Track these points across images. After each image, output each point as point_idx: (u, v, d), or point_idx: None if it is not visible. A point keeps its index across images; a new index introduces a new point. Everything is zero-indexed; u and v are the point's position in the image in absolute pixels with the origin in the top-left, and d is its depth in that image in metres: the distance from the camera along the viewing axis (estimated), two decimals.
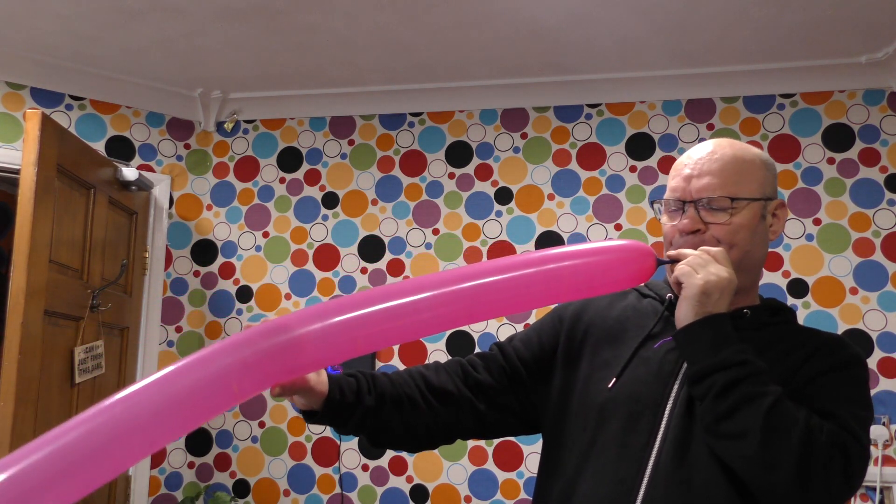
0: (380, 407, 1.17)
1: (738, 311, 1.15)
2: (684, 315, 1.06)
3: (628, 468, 1.07)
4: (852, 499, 2.66)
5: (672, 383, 1.11)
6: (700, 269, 1.05)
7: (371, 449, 3.05)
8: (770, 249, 2.91)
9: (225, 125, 3.36)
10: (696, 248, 1.12)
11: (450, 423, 1.26)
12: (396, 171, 3.24)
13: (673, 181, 1.19)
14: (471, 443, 2.98)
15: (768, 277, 2.90)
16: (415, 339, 0.97)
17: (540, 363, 1.26)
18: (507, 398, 1.25)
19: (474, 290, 1.02)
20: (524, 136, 3.18)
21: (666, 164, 3.06)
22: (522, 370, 1.25)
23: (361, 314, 0.97)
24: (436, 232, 3.16)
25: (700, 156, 1.16)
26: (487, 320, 3.03)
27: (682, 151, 3.05)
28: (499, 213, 3.13)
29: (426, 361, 3.05)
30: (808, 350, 1.10)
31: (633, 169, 3.08)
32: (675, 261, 1.15)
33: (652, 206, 1.23)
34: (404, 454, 3.02)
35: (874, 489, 2.65)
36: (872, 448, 2.69)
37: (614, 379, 1.14)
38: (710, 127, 3.06)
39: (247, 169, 3.33)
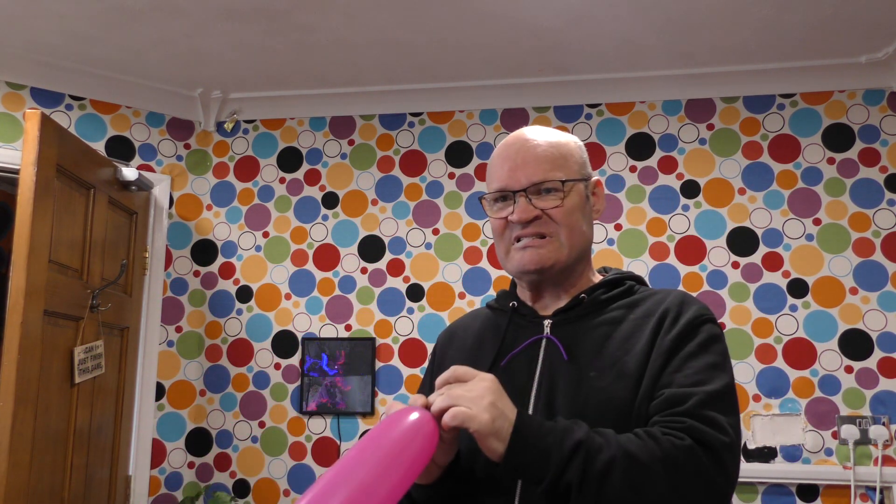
0: None
1: (575, 299, 1.16)
2: (495, 450, 0.94)
3: (502, 501, 1.04)
4: (852, 498, 2.66)
5: (526, 398, 1.10)
6: (469, 404, 0.94)
7: None
8: (770, 249, 2.92)
9: (225, 125, 3.36)
10: (537, 237, 1.13)
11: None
12: (396, 171, 3.24)
13: (496, 175, 1.17)
14: None
15: (768, 277, 2.90)
16: None
17: None
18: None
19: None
20: None
21: (666, 165, 3.06)
22: None
23: None
24: (436, 232, 3.16)
25: (517, 147, 1.17)
26: None
27: (682, 151, 3.05)
28: None
29: (426, 361, 3.05)
30: (654, 323, 1.09)
31: (633, 169, 3.08)
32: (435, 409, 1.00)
33: (482, 202, 1.21)
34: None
35: (874, 489, 2.65)
36: (872, 448, 2.69)
37: None
38: (710, 127, 3.05)
39: (247, 169, 3.33)
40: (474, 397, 0.95)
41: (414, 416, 0.96)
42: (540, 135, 1.18)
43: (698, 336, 1.07)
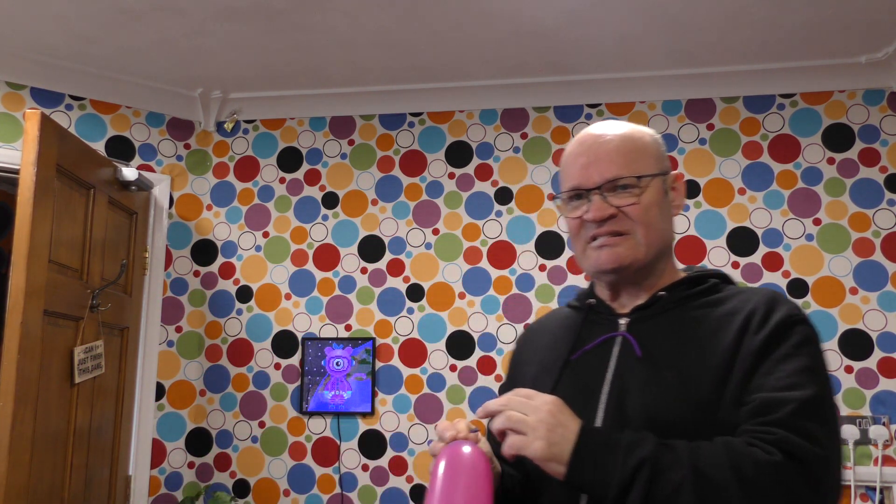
0: None
1: (654, 297, 1.11)
2: (556, 472, 0.94)
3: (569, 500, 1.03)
4: (852, 498, 2.66)
5: (597, 397, 1.06)
6: (526, 428, 0.94)
7: (371, 449, 3.05)
8: (770, 249, 2.92)
9: (225, 125, 3.36)
10: (613, 236, 1.09)
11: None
12: (396, 171, 3.24)
13: (570, 173, 1.14)
14: None
15: (768, 277, 2.90)
16: None
17: None
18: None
19: None
20: (524, 136, 3.18)
21: None
22: None
23: None
24: (436, 232, 3.16)
25: (590, 143, 1.13)
26: (486, 320, 3.02)
27: (682, 151, 3.05)
28: (499, 213, 3.13)
29: (426, 361, 3.06)
30: (740, 322, 1.02)
31: None
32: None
33: (552, 201, 1.20)
34: (404, 453, 3.02)
35: (874, 489, 2.65)
36: (872, 448, 2.69)
37: None
38: (711, 127, 3.05)
39: (247, 169, 3.33)
40: (532, 423, 0.95)
41: (467, 452, 1.00)
42: (614, 129, 1.14)
43: (791, 338, 0.99)
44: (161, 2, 2.52)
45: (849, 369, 2.78)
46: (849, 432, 2.69)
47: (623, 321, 1.12)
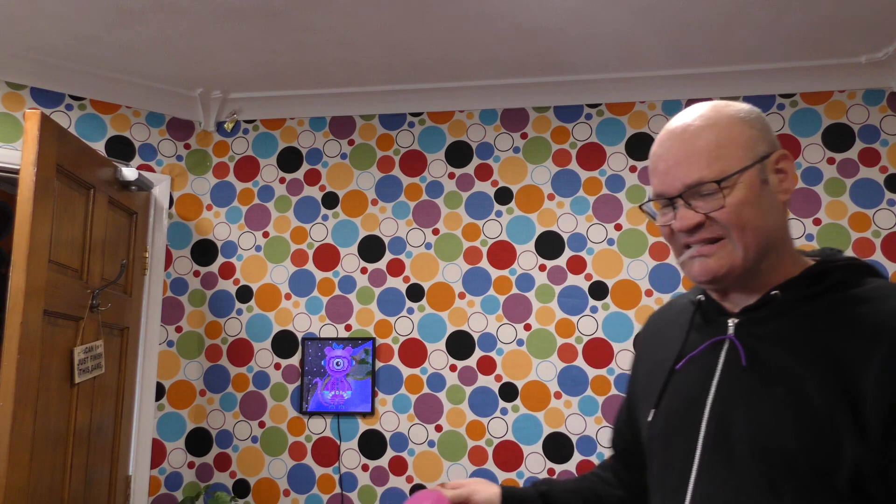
0: None
1: (766, 296, 0.97)
2: None
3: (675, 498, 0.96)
4: None
5: (700, 411, 0.97)
6: None
7: (371, 449, 3.05)
8: None
9: (225, 125, 3.36)
10: (705, 244, 0.98)
11: None
12: (396, 171, 3.24)
13: (653, 177, 1.04)
14: (471, 442, 2.98)
15: None
16: None
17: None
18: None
19: None
20: (524, 136, 3.18)
21: None
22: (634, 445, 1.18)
23: None
24: (436, 232, 3.16)
25: (670, 143, 1.01)
26: (486, 320, 3.02)
27: None
28: (499, 213, 3.13)
29: (426, 361, 3.06)
30: (888, 347, 0.83)
31: (633, 169, 3.08)
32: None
33: (642, 210, 1.08)
34: (404, 454, 3.02)
35: None
36: None
37: (652, 411, 1.03)
38: None
39: (247, 169, 3.33)
40: None
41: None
42: (694, 121, 0.99)
43: None
44: (161, 2, 2.52)
45: None
46: None
47: (731, 323, 1.00)
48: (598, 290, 3.01)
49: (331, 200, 3.26)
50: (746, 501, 0.89)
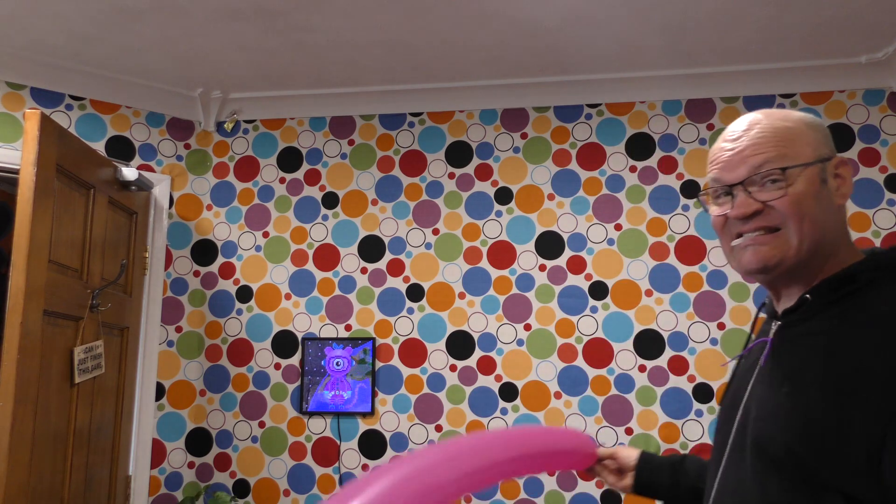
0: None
1: (800, 299, 0.99)
2: None
3: (710, 484, 1.08)
4: None
5: (738, 407, 1.03)
6: None
7: (371, 449, 3.05)
8: None
9: (225, 125, 3.36)
10: (761, 233, 1.00)
11: None
12: (396, 171, 3.24)
13: (713, 168, 1.06)
14: None
15: None
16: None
17: None
18: None
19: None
20: (524, 136, 3.18)
21: (666, 164, 3.06)
22: None
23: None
24: (436, 232, 3.16)
25: (736, 135, 1.04)
26: (486, 320, 3.02)
27: (682, 152, 3.05)
28: (499, 213, 3.13)
29: (426, 361, 3.06)
30: (888, 350, 0.85)
31: (633, 169, 3.08)
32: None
33: (699, 199, 1.14)
34: (404, 454, 3.02)
35: None
36: None
37: (718, 407, 1.14)
38: (711, 127, 3.05)
39: (247, 169, 3.33)
40: None
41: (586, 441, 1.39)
42: (762, 118, 1.04)
43: None
44: (161, 2, 2.52)
45: None
46: None
47: (775, 325, 1.04)
48: (598, 290, 3.01)
49: (331, 200, 3.26)
50: (744, 493, 0.96)
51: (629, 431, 2.90)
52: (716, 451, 1.07)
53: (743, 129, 1.04)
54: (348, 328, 3.14)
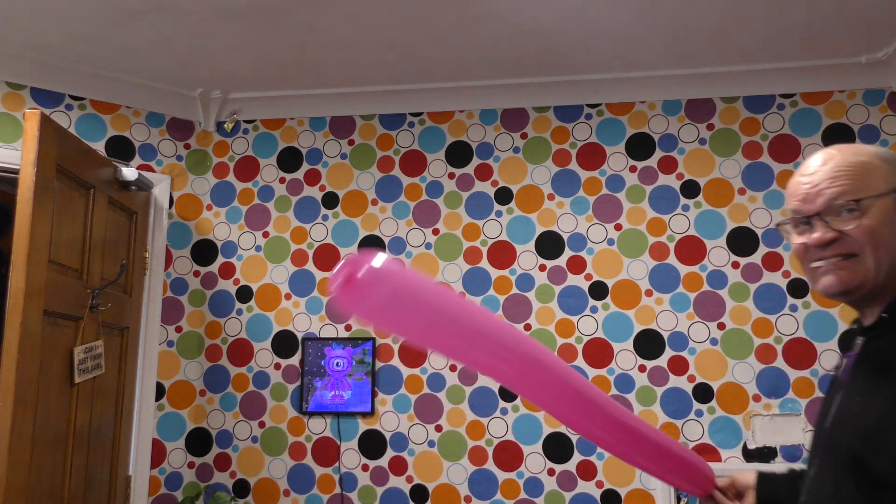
0: None
1: (879, 317, 1.11)
2: None
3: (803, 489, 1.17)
4: None
5: (826, 415, 1.14)
6: None
7: (371, 449, 3.05)
8: (770, 249, 2.91)
9: (225, 125, 3.36)
10: (839, 259, 1.10)
11: None
12: (396, 171, 3.24)
13: (793, 201, 1.16)
14: (471, 443, 2.98)
15: (768, 278, 2.90)
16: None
17: None
18: None
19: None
20: (524, 136, 3.18)
21: (666, 164, 3.06)
22: None
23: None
24: (436, 232, 3.16)
25: (813, 170, 1.14)
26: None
27: (682, 152, 3.05)
28: (499, 213, 3.13)
29: (426, 361, 3.06)
30: None
31: (633, 169, 3.08)
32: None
33: (778, 230, 1.25)
34: (404, 454, 3.02)
35: None
36: None
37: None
38: (711, 127, 3.05)
39: (247, 169, 3.33)
40: None
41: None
42: (837, 154, 1.14)
43: None
44: (161, 2, 2.52)
45: None
46: None
47: (860, 340, 1.15)
48: (598, 290, 3.01)
49: (331, 200, 3.26)
50: (819, 488, 1.10)
51: None
52: (808, 461, 1.19)
53: (819, 164, 1.14)
54: (348, 328, 3.14)
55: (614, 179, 3.08)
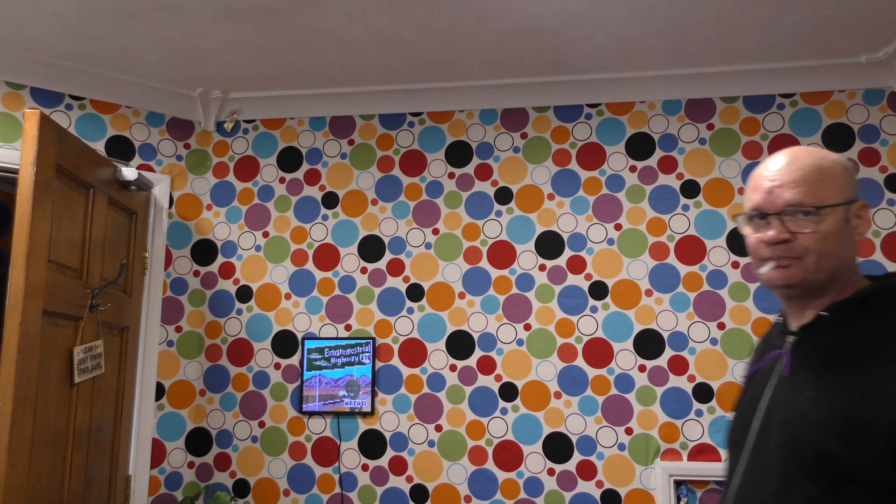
0: None
1: (816, 316, 1.14)
2: None
3: (729, 484, 1.18)
4: None
5: (755, 411, 1.17)
6: None
7: (371, 448, 3.05)
8: None
9: (225, 125, 3.36)
10: (783, 258, 1.14)
11: None
12: (396, 171, 3.24)
13: (754, 195, 1.19)
14: (471, 442, 2.98)
15: None
16: None
17: None
18: None
19: None
20: (524, 135, 3.18)
21: (666, 164, 3.06)
22: None
23: None
24: (436, 232, 3.16)
25: (779, 167, 1.17)
26: (486, 320, 3.02)
27: (682, 151, 3.05)
28: (499, 213, 3.13)
29: (426, 361, 3.06)
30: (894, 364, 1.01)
31: (633, 169, 3.08)
32: None
33: (735, 220, 1.26)
34: (404, 453, 3.02)
35: None
36: None
37: (732, 413, 1.26)
38: (710, 127, 3.05)
39: (247, 169, 3.33)
40: None
41: None
42: (805, 156, 1.17)
43: None
44: (161, 2, 2.52)
45: None
46: None
47: (790, 339, 1.19)
48: (598, 290, 3.01)
49: (331, 200, 3.26)
50: (770, 486, 1.08)
51: (629, 431, 2.90)
52: (732, 454, 1.20)
53: (785, 162, 1.17)
54: (348, 328, 3.14)
55: (614, 179, 3.08)
